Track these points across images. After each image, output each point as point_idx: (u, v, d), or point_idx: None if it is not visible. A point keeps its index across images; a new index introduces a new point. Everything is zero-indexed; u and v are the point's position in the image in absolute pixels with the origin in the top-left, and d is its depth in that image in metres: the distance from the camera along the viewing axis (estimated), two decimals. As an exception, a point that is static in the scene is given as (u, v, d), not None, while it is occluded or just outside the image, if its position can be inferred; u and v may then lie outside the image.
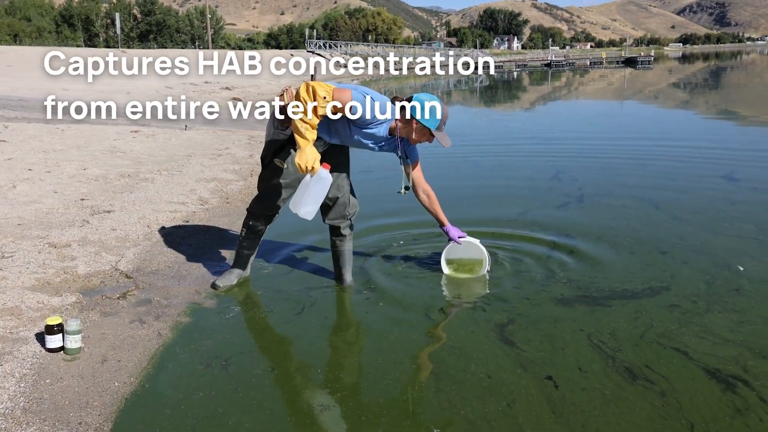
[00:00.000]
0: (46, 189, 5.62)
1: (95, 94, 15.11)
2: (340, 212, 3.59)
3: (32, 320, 3.05)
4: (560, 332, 3.06)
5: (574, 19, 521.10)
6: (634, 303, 3.39)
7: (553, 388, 2.55)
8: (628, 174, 7.07)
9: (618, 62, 65.26)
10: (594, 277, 3.79)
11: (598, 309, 3.32)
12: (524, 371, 2.69)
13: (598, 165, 7.74)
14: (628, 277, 3.78)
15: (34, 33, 57.21)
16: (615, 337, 2.99)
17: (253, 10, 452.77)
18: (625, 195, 5.95)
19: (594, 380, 2.59)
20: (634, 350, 2.85)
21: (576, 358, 2.79)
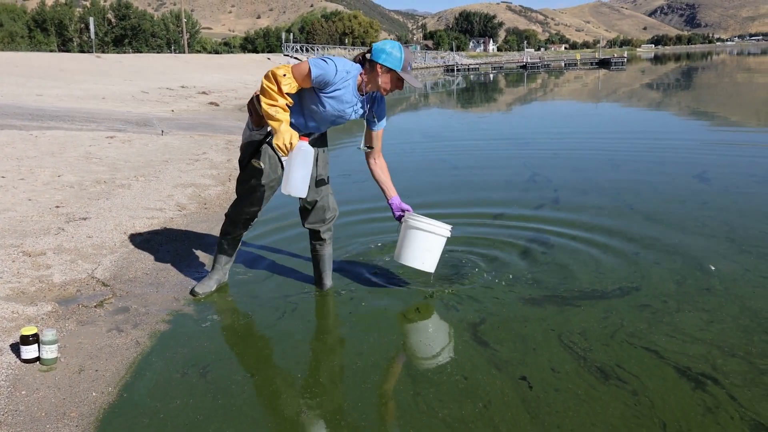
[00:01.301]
0: (20, 196, 5.55)
1: (70, 101, 14.95)
2: (319, 216, 3.60)
3: (6, 330, 3.02)
4: (531, 332, 3.11)
5: (548, 21, 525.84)
6: (603, 303, 3.45)
7: (528, 388, 2.59)
8: (603, 175, 7.17)
9: (592, 63, 65.97)
10: (564, 277, 3.85)
11: (567, 309, 3.38)
12: (499, 372, 2.73)
13: (573, 166, 7.84)
14: (598, 277, 3.85)
15: (6, 38, 56.32)
16: (585, 337, 3.04)
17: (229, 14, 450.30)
18: (600, 196, 6.03)
19: (567, 380, 2.64)
20: (604, 350, 2.91)
21: (548, 358, 2.84)
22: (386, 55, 3.18)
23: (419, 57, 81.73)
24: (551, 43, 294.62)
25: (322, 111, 3.29)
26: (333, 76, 3.14)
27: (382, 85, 3.25)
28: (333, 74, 3.14)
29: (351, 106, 3.33)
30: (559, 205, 5.74)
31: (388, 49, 3.20)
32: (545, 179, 6.99)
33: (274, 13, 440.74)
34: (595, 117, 15.75)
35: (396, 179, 3.81)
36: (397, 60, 3.19)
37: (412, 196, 6.22)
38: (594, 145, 9.90)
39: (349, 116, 3.40)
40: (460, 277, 3.89)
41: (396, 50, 3.21)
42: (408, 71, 3.24)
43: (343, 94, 3.24)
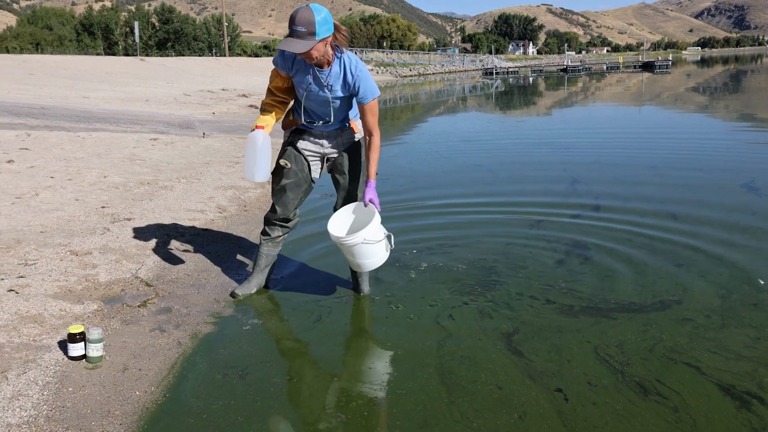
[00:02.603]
0: (68, 197, 5.71)
1: (115, 103, 15.31)
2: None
3: (55, 328, 3.12)
4: (566, 343, 3.09)
5: (590, 23, 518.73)
6: (642, 316, 3.39)
7: (564, 401, 2.57)
8: (646, 182, 7.05)
9: (635, 67, 64.91)
10: (600, 288, 3.80)
11: (604, 321, 3.34)
12: (534, 383, 2.71)
13: (615, 172, 7.72)
14: (637, 290, 3.78)
15: (55, 41, 57.95)
16: (623, 350, 3.00)
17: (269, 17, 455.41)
18: (642, 204, 5.93)
19: (605, 395, 2.61)
20: (643, 364, 2.86)
21: (584, 371, 2.81)
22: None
23: (457, 60, 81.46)
24: (593, 46, 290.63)
25: (300, 96, 3.40)
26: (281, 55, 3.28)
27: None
28: (280, 54, 3.28)
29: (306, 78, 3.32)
30: (600, 213, 5.67)
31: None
32: (586, 186, 6.91)
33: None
34: (638, 121, 15.48)
35: (432, 182, 3.81)
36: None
37: (448, 199, 6.21)
38: (637, 150, 9.75)
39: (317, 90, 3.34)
40: (495, 285, 3.88)
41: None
42: (291, 33, 3.09)
43: (301, 77, 3.34)
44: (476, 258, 4.40)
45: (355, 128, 3.55)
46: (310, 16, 3.01)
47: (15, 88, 17.08)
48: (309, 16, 3.01)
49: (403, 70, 60.86)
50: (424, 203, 6.21)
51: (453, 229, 5.20)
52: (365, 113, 3.36)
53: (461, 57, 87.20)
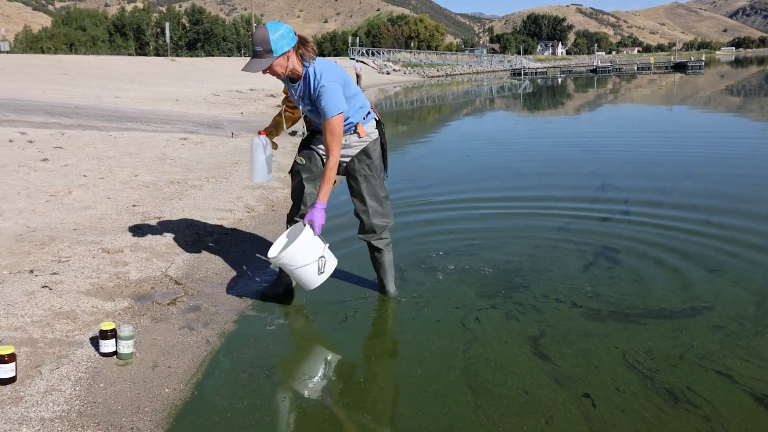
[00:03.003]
0: (100, 195, 5.81)
1: (146, 103, 15.53)
2: (366, 228, 3.63)
3: (87, 324, 3.18)
4: (593, 348, 3.05)
5: (620, 23, 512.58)
6: (671, 322, 3.34)
7: (591, 407, 2.54)
8: (677, 185, 6.94)
9: (667, 67, 64.05)
10: (628, 293, 3.75)
11: (632, 326, 3.30)
12: (560, 388, 2.69)
13: (646, 174, 7.62)
14: (667, 295, 3.72)
15: (88, 42, 58.98)
16: (652, 356, 2.96)
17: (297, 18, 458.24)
18: (673, 209, 5.84)
19: (633, 401, 2.58)
20: (673, 371, 2.82)
21: (612, 376, 2.78)
22: None
23: (485, 61, 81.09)
24: (623, 46, 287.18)
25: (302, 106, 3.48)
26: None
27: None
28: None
29: (293, 94, 3.40)
30: (629, 216, 5.60)
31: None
32: (615, 188, 6.83)
33: (341, 17, 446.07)
34: (669, 122, 15.26)
35: (459, 183, 3.81)
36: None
37: (475, 200, 6.19)
38: (668, 152, 9.62)
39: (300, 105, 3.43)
40: (522, 287, 3.86)
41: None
42: (253, 54, 3.18)
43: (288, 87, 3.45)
44: (503, 260, 4.38)
45: (362, 132, 3.50)
46: (265, 35, 3.10)
47: (50, 88, 17.42)
48: (264, 34, 3.10)
49: (431, 71, 60.78)
50: (450, 204, 6.20)
51: (480, 231, 5.18)
52: (323, 129, 3.29)
53: (489, 57, 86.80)
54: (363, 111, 3.49)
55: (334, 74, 3.25)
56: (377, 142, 3.57)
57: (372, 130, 3.54)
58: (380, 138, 3.59)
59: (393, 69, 55.24)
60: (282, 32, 3.12)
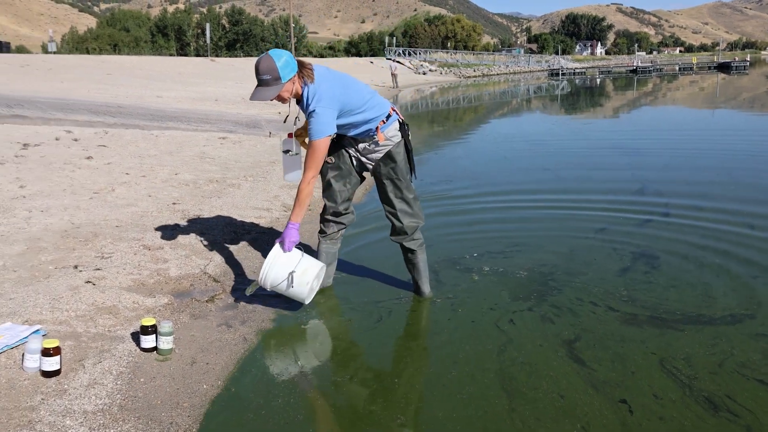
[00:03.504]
0: (142, 193, 5.94)
1: (187, 103, 15.79)
2: (397, 229, 3.65)
3: (128, 320, 3.25)
4: (630, 353, 3.02)
5: (662, 23, 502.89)
6: (710, 329, 3.28)
7: (628, 413, 2.51)
8: (720, 190, 6.80)
9: (710, 67, 62.69)
10: (665, 298, 3.69)
11: (669, 332, 3.25)
12: (596, 392, 2.66)
13: (687, 178, 7.48)
14: (707, 301, 3.65)
15: (131, 43, 60.19)
16: (690, 363, 2.91)
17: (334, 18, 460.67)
18: (715, 213, 5.72)
19: (672, 409, 2.54)
20: (712, 379, 2.76)
21: (649, 383, 2.74)
22: None
23: (522, 61, 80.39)
24: (664, 46, 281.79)
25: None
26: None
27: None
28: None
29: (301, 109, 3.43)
30: (669, 220, 5.50)
31: None
32: (655, 191, 6.72)
33: (378, 17, 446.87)
34: (711, 124, 14.94)
35: (496, 186, 3.79)
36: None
37: (512, 202, 6.15)
38: (710, 154, 9.42)
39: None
40: (557, 290, 3.83)
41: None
42: (259, 82, 3.22)
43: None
44: (539, 262, 4.35)
45: (381, 138, 3.50)
46: (272, 63, 3.17)
47: (94, 88, 17.83)
48: (271, 63, 3.17)
49: (467, 71, 60.50)
50: (486, 205, 6.18)
51: (516, 232, 5.15)
52: (307, 148, 3.35)
53: (526, 57, 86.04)
54: (380, 117, 3.48)
55: (327, 97, 3.25)
56: (401, 144, 3.58)
57: (394, 133, 3.54)
58: (404, 140, 3.59)
59: (429, 69, 55.11)
60: (286, 59, 3.21)
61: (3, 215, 4.82)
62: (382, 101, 3.54)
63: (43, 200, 5.36)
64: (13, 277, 3.63)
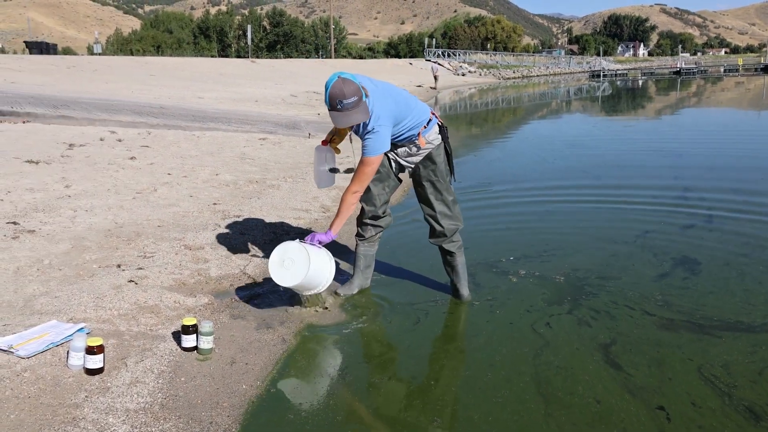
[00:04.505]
0: (183, 193, 6.06)
1: (227, 103, 16.02)
2: (437, 232, 3.66)
3: (169, 319, 3.32)
4: (667, 359, 2.98)
5: (707, 24, 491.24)
6: (750, 336, 3.22)
7: (666, 420, 2.48)
8: (764, 194, 6.63)
9: (756, 69, 61.03)
10: (703, 304, 3.64)
11: (706, 338, 3.20)
12: (633, 398, 2.64)
13: (731, 182, 7.30)
14: (746, 308, 3.58)
15: (174, 44, 61.29)
16: (728, 371, 2.86)
17: (374, 20, 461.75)
18: (760, 219, 5.59)
19: (711, 417, 2.50)
20: (752, 387, 2.71)
21: (687, 390, 2.70)
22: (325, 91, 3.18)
23: (563, 62, 79.43)
24: (709, 47, 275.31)
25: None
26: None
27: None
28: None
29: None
30: (712, 226, 5.39)
31: (326, 84, 3.16)
32: (698, 196, 6.59)
33: (418, 18, 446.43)
34: (757, 127, 14.55)
35: (535, 189, 3.77)
36: (326, 98, 3.17)
37: (552, 205, 6.09)
38: (757, 159, 9.17)
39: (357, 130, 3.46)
40: (595, 294, 3.80)
41: (328, 87, 3.14)
42: (337, 109, 3.13)
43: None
44: (577, 266, 4.31)
45: (422, 143, 3.52)
46: (353, 84, 3.13)
47: (138, 89, 18.23)
48: (352, 85, 3.12)
49: (506, 72, 60.07)
50: (526, 208, 6.14)
51: (555, 235, 5.11)
52: (359, 162, 3.36)
53: (567, 59, 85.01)
54: (422, 122, 3.49)
55: (385, 115, 3.27)
56: (441, 147, 3.59)
57: (435, 137, 3.56)
58: (444, 142, 3.60)
59: (468, 70, 54.89)
60: (355, 75, 3.21)
61: (49, 214, 4.96)
62: (423, 106, 3.56)
63: (87, 200, 5.50)
64: (58, 276, 3.74)
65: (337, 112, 3.15)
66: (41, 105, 11.04)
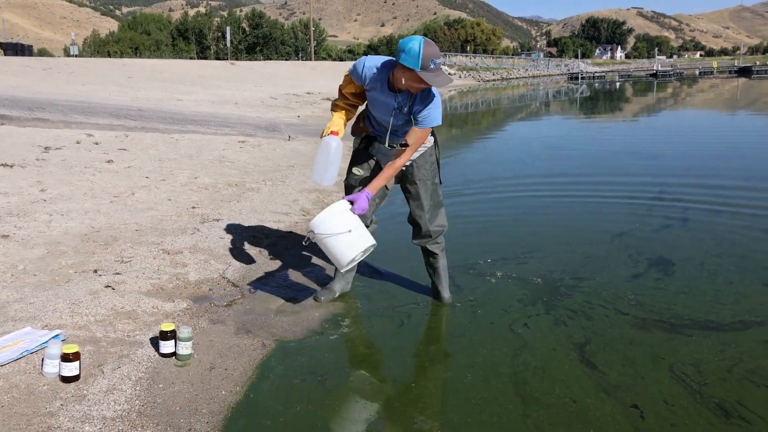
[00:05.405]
0: (161, 196, 6.01)
1: (206, 106, 15.93)
2: (423, 232, 3.67)
3: (147, 324, 3.29)
4: (639, 357, 3.04)
5: (682, 27, 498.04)
6: (718, 335, 3.29)
7: (640, 418, 2.53)
8: (740, 194, 6.75)
9: (730, 72, 62.05)
10: (674, 303, 3.70)
11: (677, 337, 3.26)
12: (608, 397, 2.68)
13: (706, 183, 7.42)
14: (716, 307, 3.65)
15: (152, 46, 60.78)
16: (699, 369, 2.92)
17: (354, 22, 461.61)
18: (733, 218, 5.70)
19: (683, 415, 2.54)
20: (722, 385, 2.77)
21: (659, 388, 2.75)
22: (405, 54, 3.07)
23: (542, 65, 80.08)
24: (685, 50, 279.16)
25: (375, 116, 3.45)
26: (360, 70, 3.27)
27: (404, 83, 3.14)
28: (360, 69, 3.28)
29: (385, 103, 3.32)
30: (687, 226, 5.48)
31: (408, 47, 3.07)
32: (674, 197, 6.68)
33: (398, 20, 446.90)
34: (732, 129, 14.78)
35: (513, 191, 3.80)
36: (415, 57, 3.05)
37: (529, 207, 6.14)
38: (731, 159, 9.34)
39: (386, 116, 3.37)
40: (570, 295, 3.85)
41: (415, 47, 3.06)
42: (430, 69, 3.05)
43: (376, 94, 3.32)
44: (554, 266, 4.36)
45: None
46: (435, 47, 3.11)
47: (115, 91, 18.07)
48: (435, 47, 3.11)
49: (486, 74, 60.37)
50: (503, 210, 6.18)
51: (532, 236, 5.17)
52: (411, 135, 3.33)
53: (546, 61, 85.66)
54: None
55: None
56: (433, 147, 3.62)
57: (430, 136, 3.59)
58: (435, 142, 3.64)
59: (448, 72, 55.09)
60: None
61: (24, 219, 4.89)
62: None
63: (63, 204, 5.44)
64: (33, 281, 3.69)
65: (429, 72, 3.06)
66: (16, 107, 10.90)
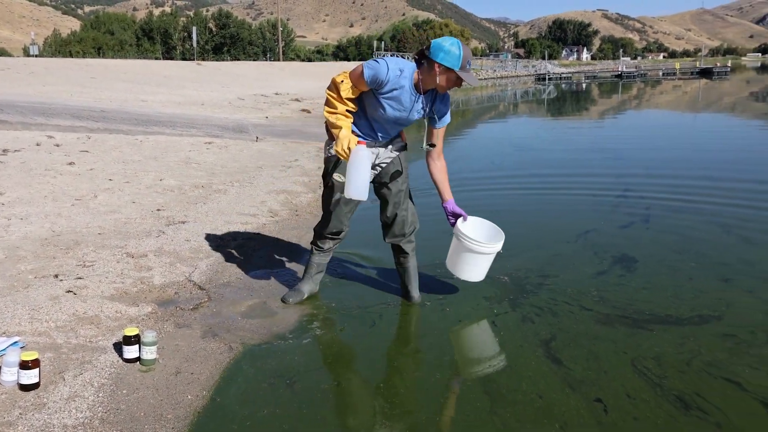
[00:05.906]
0: (125, 199, 5.92)
1: (172, 107, 15.73)
2: (398, 230, 3.66)
3: (110, 329, 3.22)
4: (603, 352, 3.09)
5: (646, 29, 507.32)
6: (678, 329, 3.36)
7: (603, 412, 2.57)
8: (700, 192, 6.89)
9: (692, 73, 63.43)
10: (635, 299, 3.77)
11: (639, 332, 3.33)
12: (573, 392, 2.72)
13: (668, 182, 7.57)
14: (675, 303, 3.73)
15: (116, 46, 59.82)
16: (659, 362, 2.98)
17: (323, 22, 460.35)
18: (694, 215, 5.84)
19: (645, 408, 2.59)
20: (681, 378, 2.83)
21: (622, 382, 2.80)
22: (444, 54, 3.11)
23: (510, 65, 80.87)
24: (649, 52, 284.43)
25: (383, 114, 3.33)
26: (385, 75, 3.18)
27: (440, 83, 3.19)
28: (385, 73, 3.18)
29: (411, 104, 3.31)
30: (649, 224, 5.58)
31: (447, 47, 3.12)
32: (637, 196, 6.79)
33: (367, 21, 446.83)
34: (693, 129, 15.10)
35: (479, 189, 3.82)
36: (456, 58, 3.11)
37: (498, 206, 6.19)
38: (692, 159, 9.54)
39: (411, 116, 3.37)
40: (536, 293, 3.90)
41: (455, 48, 3.12)
42: (467, 69, 3.17)
43: (399, 94, 3.25)
44: (521, 264, 4.41)
45: (404, 137, 3.61)
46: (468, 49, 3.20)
47: (78, 92, 17.73)
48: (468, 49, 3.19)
49: (454, 75, 60.56)
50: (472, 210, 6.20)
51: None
52: (441, 136, 3.51)
53: (513, 62, 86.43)
54: None
55: None
56: (406, 145, 3.66)
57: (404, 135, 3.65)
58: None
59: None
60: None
61: (-16, 223, 4.78)
62: None
63: (22, 207, 5.32)
64: (-8, 287, 3.60)
65: (466, 72, 3.17)
66: (-25, 109, 10.62)
